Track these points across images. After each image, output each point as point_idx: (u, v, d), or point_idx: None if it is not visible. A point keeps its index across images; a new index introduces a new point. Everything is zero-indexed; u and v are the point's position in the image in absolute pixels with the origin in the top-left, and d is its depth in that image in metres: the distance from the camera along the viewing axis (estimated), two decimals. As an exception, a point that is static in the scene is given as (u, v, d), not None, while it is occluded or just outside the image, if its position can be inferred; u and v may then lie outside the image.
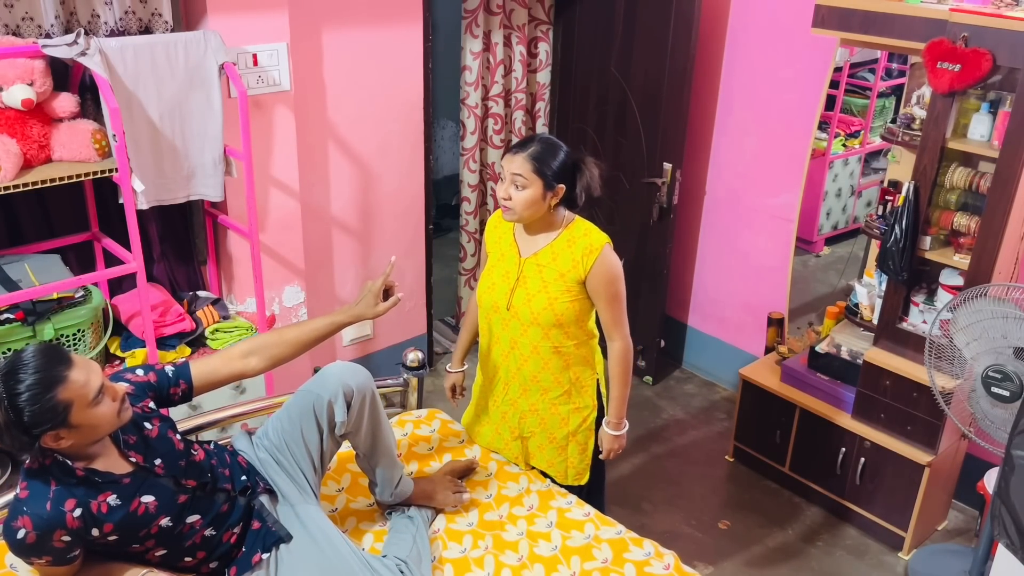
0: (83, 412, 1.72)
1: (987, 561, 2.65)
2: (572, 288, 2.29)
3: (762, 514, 3.38)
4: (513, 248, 2.37)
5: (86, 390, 1.71)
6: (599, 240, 2.29)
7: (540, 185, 2.21)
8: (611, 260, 2.29)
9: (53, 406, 1.68)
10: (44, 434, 1.71)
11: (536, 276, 2.31)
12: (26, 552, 1.78)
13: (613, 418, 2.45)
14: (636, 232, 3.99)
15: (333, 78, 3.43)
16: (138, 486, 1.86)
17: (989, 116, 2.75)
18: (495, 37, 3.96)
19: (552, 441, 2.48)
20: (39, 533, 1.75)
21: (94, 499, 1.80)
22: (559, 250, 2.30)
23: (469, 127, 4.09)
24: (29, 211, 2.86)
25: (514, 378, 2.43)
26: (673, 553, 2.24)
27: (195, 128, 2.79)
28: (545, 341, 2.34)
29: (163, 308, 2.93)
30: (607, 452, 2.49)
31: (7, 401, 1.66)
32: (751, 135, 3.81)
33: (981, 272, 2.77)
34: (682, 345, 4.37)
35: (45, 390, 1.67)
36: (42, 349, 1.72)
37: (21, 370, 1.68)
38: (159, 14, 2.79)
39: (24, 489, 1.79)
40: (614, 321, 2.34)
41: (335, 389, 2.06)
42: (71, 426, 1.72)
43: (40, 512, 1.75)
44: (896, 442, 3.10)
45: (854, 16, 2.93)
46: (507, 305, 2.34)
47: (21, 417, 1.67)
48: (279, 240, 3.31)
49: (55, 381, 1.68)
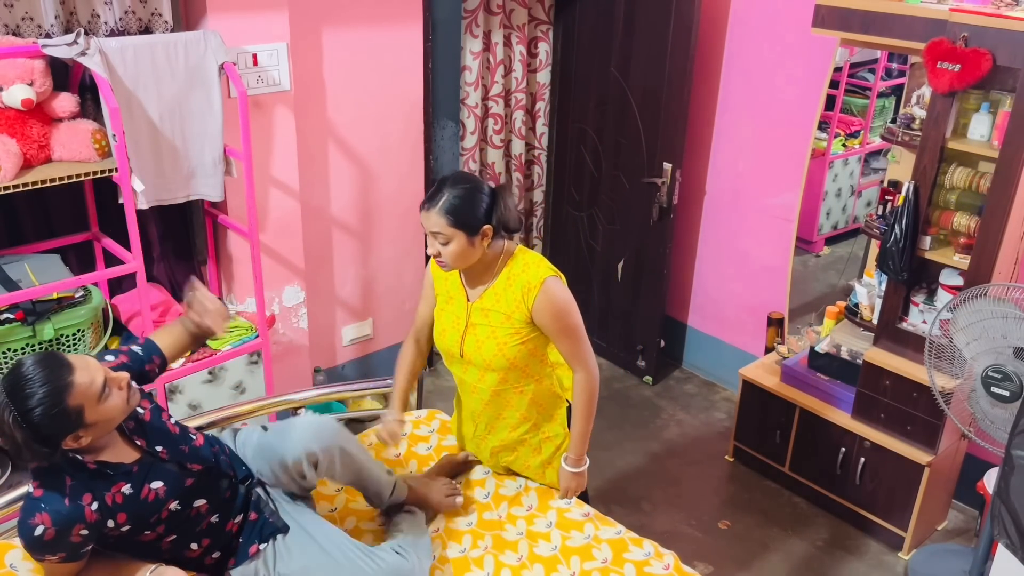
0: (95, 410, 1.74)
1: (987, 561, 2.65)
2: (521, 330, 2.17)
3: (762, 514, 3.38)
4: (461, 291, 2.26)
5: (93, 389, 1.73)
6: (538, 275, 2.15)
7: (463, 236, 2.08)
8: (554, 293, 2.14)
9: (67, 414, 1.70)
10: (63, 441, 1.73)
11: (483, 322, 2.20)
12: (41, 549, 1.79)
13: (572, 454, 2.32)
14: (636, 232, 3.99)
15: (333, 78, 3.43)
16: (146, 472, 1.88)
17: (989, 116, 2.75)
18: (495, 37, 3.96)
19: (527, 470, 2.43)
20: (58, 529, 1.76)
21: (108, 491, 1.82)
22: (500, 291, 2.18)
23: (469, 127, 4.09)
24: (29, 211, 2.86)
25: (480, 417, 2.36)
26: (673, 553, 2.24)
27: (195, 128, 2.79)
28: (503, 385, 2.25)
29: (163, 308, 2.93)
30: (564, 491, 2.37)
31: (21, 419, 1.67)
32: (751, 135, 3.81)
33: (981, 272, 2.77)
34: (682, 345, 4.37)
35: (56, 401, 1.68)
36: (40, 360, 1.72)
37: (26, 386, 1.68)
38: (159, 14, 2.79)
39: (38, 488, 1.80)
40: (572, 354, 2.23)
41: (297, 453, 2.05)
42: (87, 425, 1.74)
43: (59, 508, 1.76)
44: (896, 442, 3.10)
45: (854, 16, 2.93)
46: (459, 352, 2.25)
47: (40, 432, 1.69)
48: (279, 240, 3.31)
49: (62, 390, 1.69)
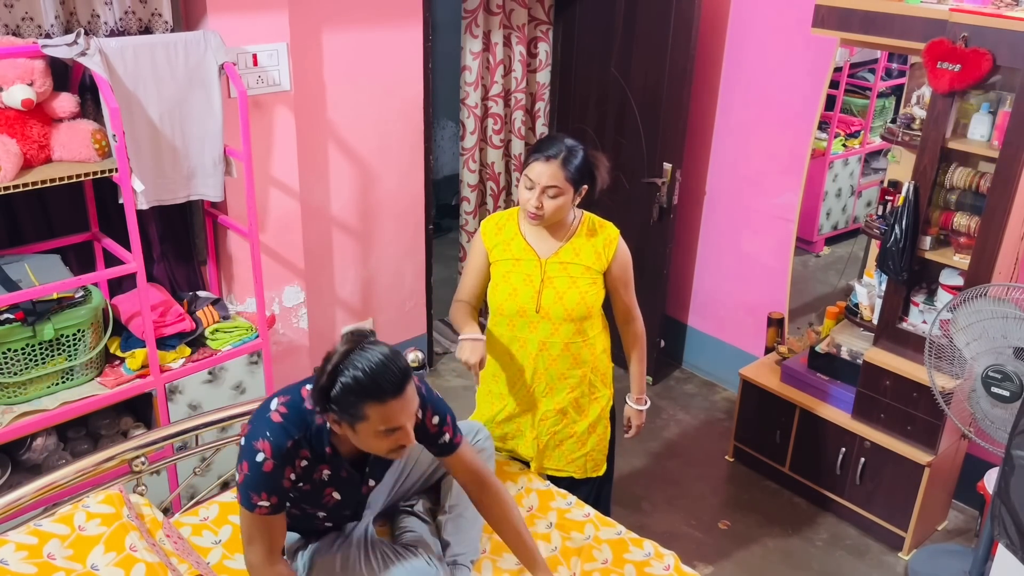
0: (367, 430, 1.79)
1: (987, 561, 2.65)
2: (597, 279, 2.38)
3: (762, 514, 3.38)
4: (529, 251, 2.38)
5: (385, 423, 1.77)
6: (614, 231, 2.41)
7: (571, 191, 2.27)
8: (625, 248, 2.43)
9: (355, 406, 1.75)
10: (333, 413, 1.79)
11: (563, 274, 2.35)
12: (256, 484, 1.83)
13: (638, 394, 2.58)
14: (636, 232, 3.98)
15: (333, 78, 3.43)
16: (339, 484, 1.97)
17: (989, 116, 2.75)
18: (495, 37, 3.96)
19: (572, 436, 2.50)
20: (276, 463, 1.82)
21: (319, 465, 1.91)
22: (580, 246, 2.37)
23: (469, 127, 4.09)
24: (29, 211, 2.86)
25: (541, 378, 2.44)
26: (673, 553, 2.24)
27: (195, 128, 2.79)
28: (577, 336, 2.39)
29: (163, 308, 2.93)
30: (635, 429, 2.61)
31: (336, 366, 1.74)
32: (751, 135, 3.81)
33: (981, 272, 2.77)
34: (682, 345, 4.37)
35: (361, 394, 1.74)
36: (396, 361, 1.77)
37: (367, 362, 1.73)
38: (159, 14, 2.79)
39: (279, 415, 1.85)
40: (631, 303, 2.48)
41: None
42: (354, 429, 1.79)
43: (281, 444, 1.83)
44: (896, 442, 3.10)
45: (854, 16, 2.92)
46: (536, 308, 2.35)
47: (331, 388, 1.75)
48: (279, 240, 3.31)
49: (373, 394, 1.74)
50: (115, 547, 1.99)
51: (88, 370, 2.75)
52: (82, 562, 1.95)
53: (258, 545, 1.90)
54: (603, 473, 2.59)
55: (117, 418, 2.92)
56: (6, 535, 2.01)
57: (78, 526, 2.04)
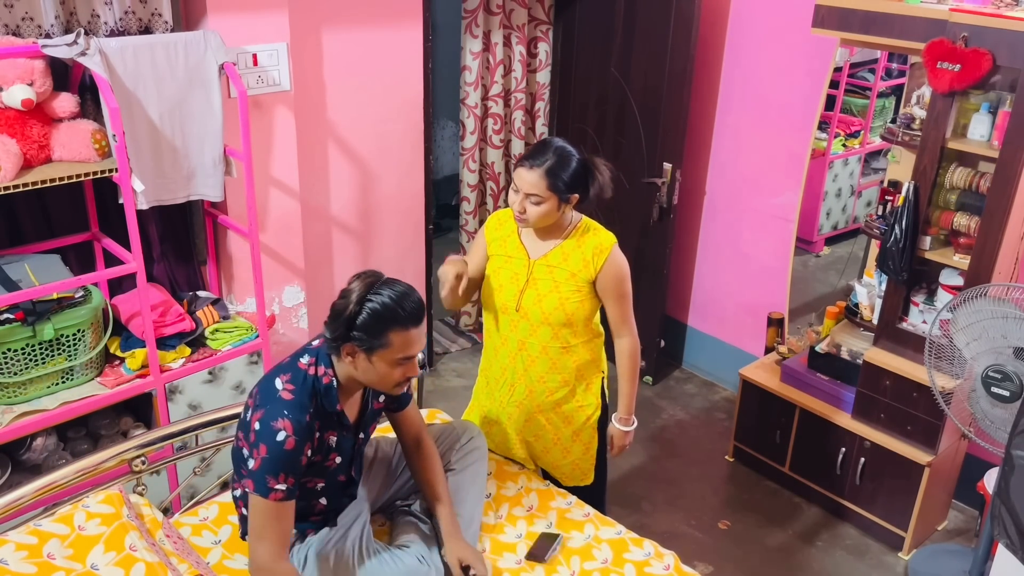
0: (386, 357, 1.89)
1: (987, 561, 2.65)
2: (582, 288, 2.32)
3: (762, 514, 3.38)
4: (521, 250, 2.37)
5: (404, 350, 1.89)
6: (608, 240, 2.34)
7: (555, 200, 2.23)
8: (620, 259, 2.34)
9: (381, 333, 1.87)
10: (354, 343, 1.88)
11: (547, 277, 2.33)
12: (275, 466, 1.85)
13: (623, 413, 2.50)
14: (636, 232, 3.99)
15: (333, 78, 3.43)
16: (341, 445, 2.03)
17: (989, 116, 2.75)
18: (495, 37, 3.96)
19: (557, 443, 2.49)
20: (298, 439, 1.86)
21: (325, 433, 1.97)
22: (569, 251, 2.33)
23: (469, 127, 4.09)
24: (29, 211, 2.86)
25: (520, 379, 2.43)
26: (673, 553, 2.25)
27: (195, 128, 2.79)
28: (554, 341, 2.35)
29: (163, 308, 2.93)
30: (617, 448, 2.53)
31: (363, 295, 1.87)
32: (751, 135, 3.81)
33: (981, 272, 2.77)
34: (682, 345, 4.37)
35: (388, 320, 1.86)
36: (415, 293, 1.92)
37: (391, 291, 1.87)
38: (159, 14, 2.79)
39: (289, 392, 1.90)
40: (623, 318, 2.39)
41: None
42: (371, 359, 1.89)
43: (300, 420, 1.88)
44: (896, 442, 3.10)
45: (854, 16, 2.93)
46: (516, 307, 2.35)
47: (357, 316, 1.86)
48: (279, 240, 3.31)
49: (399, 320, 1.87)
50: (115, 547, 1.99)
51: (88, 370, 2.75)
52: (82, 562, 1.95)
53: (268, 540, 1.90)
54: (591, 483, 2.57)
55: (117, 418, 2.92)
56: (6, 535, 2.01)
57: (78, 526, 2.04)
